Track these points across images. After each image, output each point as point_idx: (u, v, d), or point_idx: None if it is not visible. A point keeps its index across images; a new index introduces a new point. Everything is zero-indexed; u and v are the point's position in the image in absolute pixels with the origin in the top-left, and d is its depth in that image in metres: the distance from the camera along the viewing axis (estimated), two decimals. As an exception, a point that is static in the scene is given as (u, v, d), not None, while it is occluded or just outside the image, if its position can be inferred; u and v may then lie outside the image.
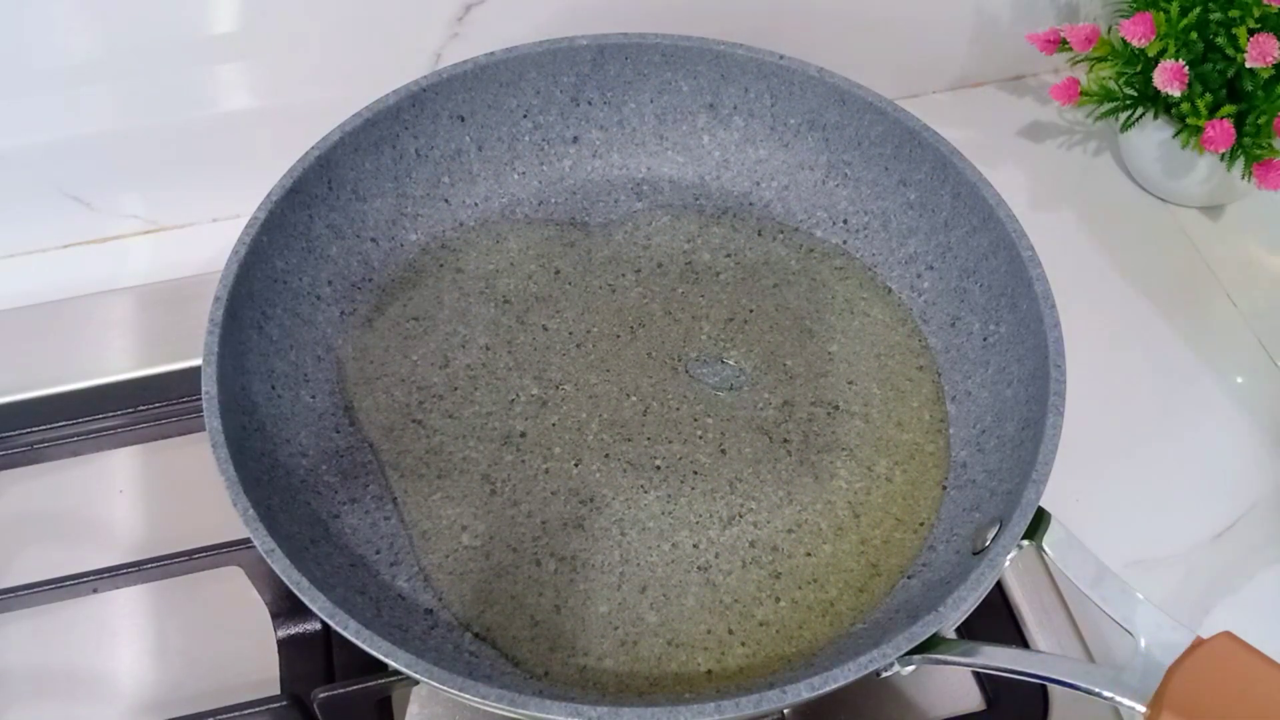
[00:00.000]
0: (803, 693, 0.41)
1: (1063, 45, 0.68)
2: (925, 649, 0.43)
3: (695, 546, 0.51)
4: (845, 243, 0.61)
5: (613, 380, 0.56)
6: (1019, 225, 0.53)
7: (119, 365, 0.64)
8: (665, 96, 0.62)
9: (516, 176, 0.63)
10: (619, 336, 0.58)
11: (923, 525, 0.52)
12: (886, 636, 0.43)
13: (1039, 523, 0.45)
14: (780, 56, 0.60)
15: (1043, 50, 0.69)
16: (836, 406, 0.55)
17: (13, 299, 0.67)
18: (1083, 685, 0.42)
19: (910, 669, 0.43)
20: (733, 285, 0.60)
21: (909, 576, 0.50)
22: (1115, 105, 0.68)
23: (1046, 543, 0.45)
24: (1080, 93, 0.69)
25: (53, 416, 0.60)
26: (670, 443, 0.54)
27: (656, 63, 0.61)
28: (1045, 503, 0.45)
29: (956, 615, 0.43)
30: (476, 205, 0.62)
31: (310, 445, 0.53)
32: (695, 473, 0.53)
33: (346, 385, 0.56)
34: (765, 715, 0.42)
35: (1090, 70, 0.69)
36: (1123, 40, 0.65)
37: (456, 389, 0.56)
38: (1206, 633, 0.42)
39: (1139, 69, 0.67)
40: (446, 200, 0.61)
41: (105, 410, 0.60)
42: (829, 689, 0.41)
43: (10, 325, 0.66)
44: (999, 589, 0.55)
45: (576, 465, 0.53)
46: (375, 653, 0.42)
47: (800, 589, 0.50)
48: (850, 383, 0.56)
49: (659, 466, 0.53)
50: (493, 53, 0.60)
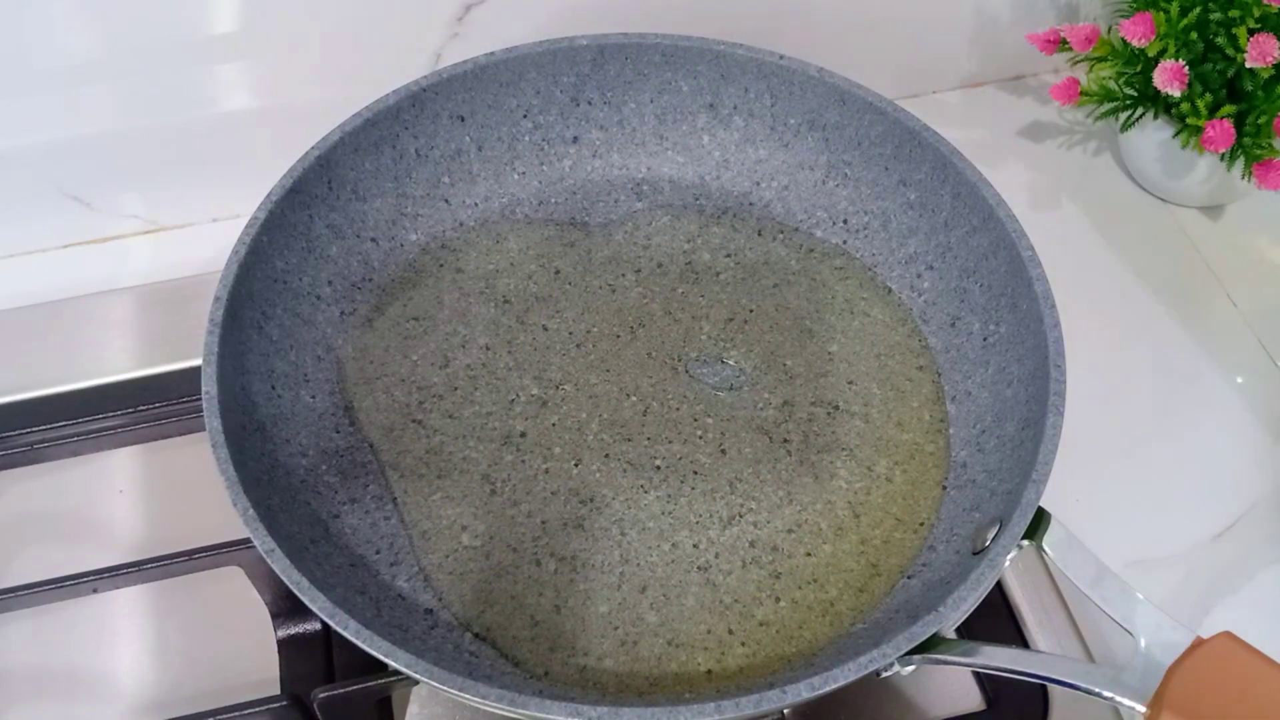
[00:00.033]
0: (803, 693, 0.41)
1: (1063, 45, 0.68)
2: (925, 649, 0.43)
3: (695, 546, 0.51)
4: (845, 243, 0.61)
5: (613, 380, 0.56)
6: (1019, 225, 0.53)
7: (119, 365, 0.64)
8: (665, 96, 0.62)
9: (516, 176, 0.63)
10: (619, 336, 0.58)
11: (923, 525, 0.52)
12: (886, 636, 0.43)
13: (1039, 523, 0.45)
14: (780, 56, 0.60)
15: (1043, 50, 0.69)
16: (836, 406, 0.55)
17: (13, 299, 0.67)
18: (1083, 685, 0.42)
19: (910, 669, 0.43)
20: (733, 285, 0.60)
21: (909, 576, 0.50)
22: (1115, 105, 0.68)
23: (1046, 543, 0.45)
24: (1080, 93, 0.69)
25: (53, 416, 0.60)
26: (670, 443, 0.54)
27: (656, 63, 0.61)
28: (1045, 503, 0.45)
29: (956, 615, 0.43)
30: (476, 205, 0.62)
31: (310, 445, 0.53)
32: (695, 473, 0.53)
33: (346, 385, 0.56)
34: (765, 715, 0.42)
35: (1090, 70, 0.69)
36: (1123, 40, 0.65)
37: (456, 389, 0.56)
38: (1206, 633, 0.42)
39: (1139, 69, 0.67)
40: (446, 200, 0.61)
41: (105, 410, 0.60)
42: (829, 689, 0.41)
43: (10, 325, 0.66)
44: (999, 589, 0.55)
45: (576, 465, 0.53)
46: (375, 653, 0.42)
47: (800, 589, 0.50)
48: (850, 383, 0.56)
49: (659, 466, 0.53)
50: (493, 53, 0.60)
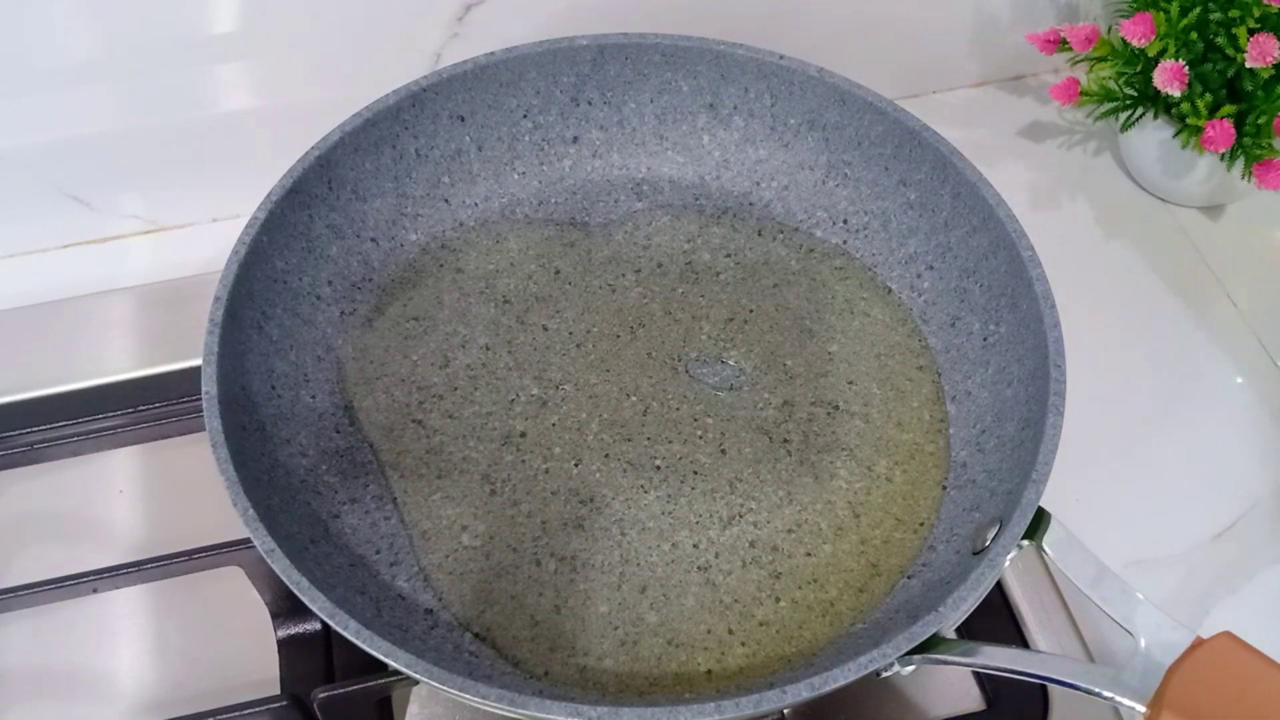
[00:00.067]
0: (803, 693, 0.41)
1: (1063, 45, 0.68)
2: (925, 649, 0.43)
3: (695, 546, 0.51)
4: (845, 243, 0.61)
5: (613, 380, 0.56)
6: (1019, 225, 0.53)
7: (119, 365, 0.64)
8: (665, 96, 0.62)
9: (516, 176, 0.63)
10: (619, 336, 0.58)
11: (923, 525, 0.52)
12: (886, 636, 0.43)
13: (1039, 523, 0.45)
14: (780, 56, 0.60)
15: (1043, 50, 0.69)
16: (836, 406, 0.55)
17: (13, 299, 0.67)
18: (1083, 685, 0.42)
19: (910, 669, 0.43)
20: (733, 285, 0.60)
21: (909, 576, 0.50)
22: (1115, 105, 0.68)
23: (1046, 543, 0.45)
24: (1080, 93, 0.69)
25: (53, 416, 0.60)
26: (670, 443, 0.54)
27: (656, 63, 0.61)
28: (1045, 503, 0.45)
29: (956, 615, 0.43)
30: (476, 205, 0.62)
31: (310, 445, 0.53)
32: (695, 473, 0.53)
33: (346, 385, 0.56)
34: (765, 715, 0.42)
35: (1090, 70, 0.69)
36: (1123, 40, 0.65)
37: (456, 389, 0.56)
38: (1206, 633, 0.42)
39: (1139, 69, 0.67)
40: (446, 200, 0.61)
41: (105, 410, 0.60)
42: (829, 689, 0.41)
43: (10, 325, 0.66)
44: (999, 589, 0.55)
45: (576, 465, 0.53)
46: (375, 653, 0.42)
47: (800, 589, 0.50)
48: (850, 383, 0.56)
49: (659, 466, 0.53)
50: (493, 53, 0.60)
